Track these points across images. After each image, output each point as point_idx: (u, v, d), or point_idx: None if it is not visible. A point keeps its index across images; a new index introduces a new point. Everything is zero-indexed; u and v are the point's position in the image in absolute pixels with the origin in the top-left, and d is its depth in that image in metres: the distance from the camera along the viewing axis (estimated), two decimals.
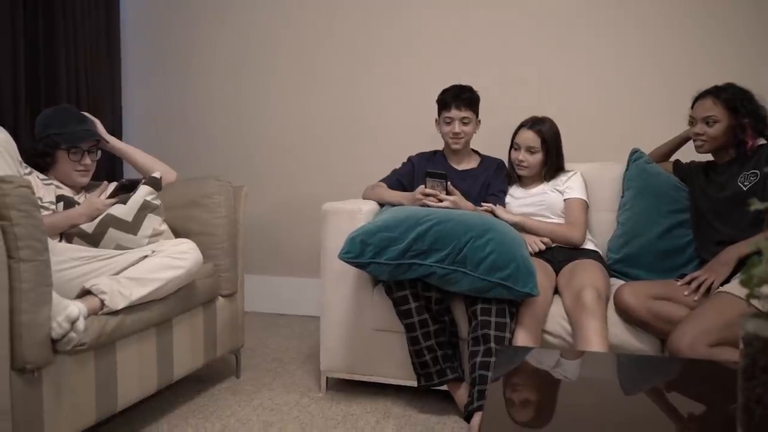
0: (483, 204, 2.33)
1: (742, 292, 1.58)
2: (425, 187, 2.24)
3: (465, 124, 2.42)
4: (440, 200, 2.20)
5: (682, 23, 2.79)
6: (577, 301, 1.95)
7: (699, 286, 1.93)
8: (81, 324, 1.54)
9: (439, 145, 2.58)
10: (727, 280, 1.91)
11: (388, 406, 2.18)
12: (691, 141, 2.18)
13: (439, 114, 2.47)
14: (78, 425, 1.63)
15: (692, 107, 2.15)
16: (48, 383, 1.52)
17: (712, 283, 1.91)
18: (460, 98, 2.39)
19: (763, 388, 0.69)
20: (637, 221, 2.30)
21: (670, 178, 2.31)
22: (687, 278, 1.98)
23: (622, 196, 2.42)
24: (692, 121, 2.14)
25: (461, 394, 2.06)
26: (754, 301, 0.74)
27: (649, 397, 1.20)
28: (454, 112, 2.40)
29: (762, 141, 2.08)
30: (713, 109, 2.07)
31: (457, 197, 2.23)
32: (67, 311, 1.51)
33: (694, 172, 2.25)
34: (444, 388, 2.12)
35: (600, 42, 2.89)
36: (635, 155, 2.41)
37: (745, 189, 2.01)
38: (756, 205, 0.74)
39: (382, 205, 2.41)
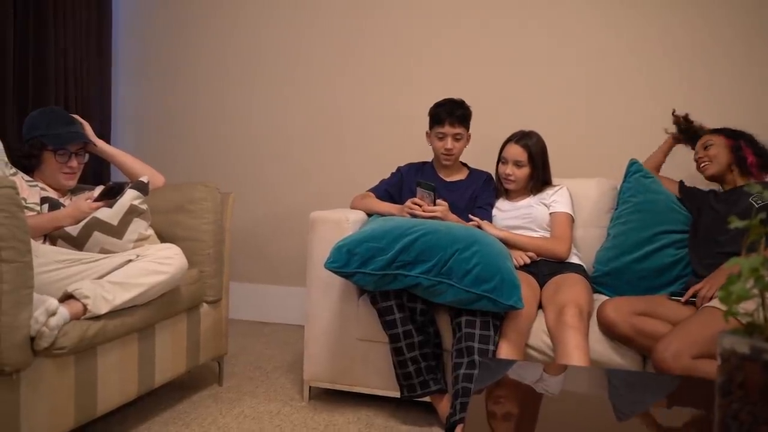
0: (471, 217, 2.34)
1: None
2: (419, 195, 2.26)
3: (457, 140, 2.43)
4: (427, 211, 2.21)
5: (675, 41, 2.83)
6: (559, 318, 1.97)
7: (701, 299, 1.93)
8: (54, 320, 1.52)
9: (428, 156, 2.60)
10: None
11: (370, 417, 2.17)
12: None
13: (431, 128, 2.47)
14: (56, 429, 1.60)
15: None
16: (26, 386, 1.50)
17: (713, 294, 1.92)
18: (453, 115, 2.40)
19: (739, 404, 0.70)
20: (630, 236, 2.29)
21: (670, 197, 2.33)
22: (690, 292, 1.99)
23: (616, 208, 2.43)
24: (696, 154, 2.30)
25: (444, 406, 2.06)
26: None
27: (631, 412, 1.21)
28: (448, 129, 2.41)
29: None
30: (709, 136, 2.27)
31: (444, 208, 2.24)
32: (46, 304, 1.50)
33: (702, 194, 2.29)
34: (427, 399, 2.12)
35: (589, 58, 2.92)
36: (633, 167, 2.40)
37: (757, 206, 2.04)
38: (736, 223, 0.75)
39: (369, 214, 2.42)
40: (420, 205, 2.24)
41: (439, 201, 2.25)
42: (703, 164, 2.25)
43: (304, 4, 3.30)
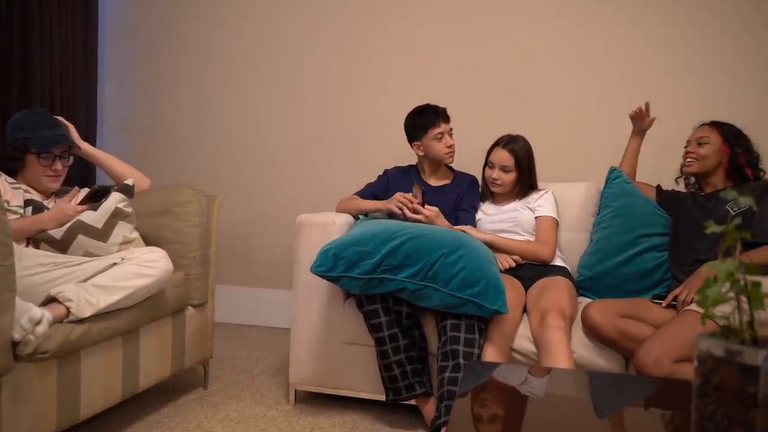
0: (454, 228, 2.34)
1: None
2: (413, 193, 2.26)
3: (451, 135, 2.47)
4: (415, 211, 2.21)
5: (661, 46, 2.86)
6: (541, 322, 1.99)
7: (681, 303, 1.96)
8: (41, 328, 1.51)
9: (414, 159, 2.61)
10: None
11: (356, 420, 2.17)
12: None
13: (425, 133, 2.45)
14: None
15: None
16: (7, 391, 1.49)
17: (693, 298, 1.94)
18: (443, 113, 2.45)
19: (715, 406, 0.71)
20: (612, 241, 2.32)
21: (648, 202, 2.35)
22: (670, 297, 2.02)
23: (598, 214, 2.45)
24: (687, 144, 2.26)
25: (429, 409, 2.07)
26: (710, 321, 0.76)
27: (612, 414, 1.23)
28: (444, 126, 2.44)
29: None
30: (707, 132, 2.21)
31: (434, 213, 2.24)
32: (30, 313, 1.49)
33: (681, 197, 2.30)
34: (412, 402, 2.13)
35: (576, 62, 2.95)
36: (614, 173, 2.43)
37: (733, 213, 2.06)
38: (712, 228, 0.76)
39: (356, 218, 2.42)
40: (411, 201, 2.24)
41: (429, 207, 2.25)
42: (688, 160, 2.21)
43: (289, 8, 3.30)
